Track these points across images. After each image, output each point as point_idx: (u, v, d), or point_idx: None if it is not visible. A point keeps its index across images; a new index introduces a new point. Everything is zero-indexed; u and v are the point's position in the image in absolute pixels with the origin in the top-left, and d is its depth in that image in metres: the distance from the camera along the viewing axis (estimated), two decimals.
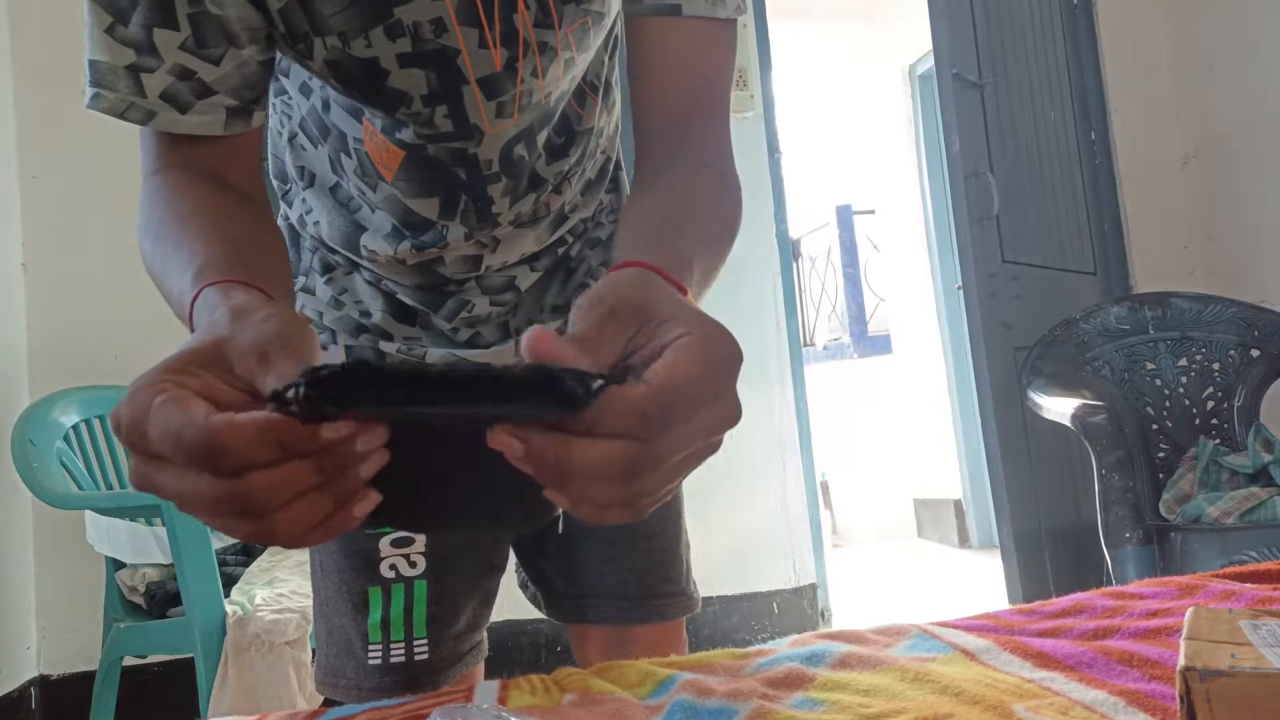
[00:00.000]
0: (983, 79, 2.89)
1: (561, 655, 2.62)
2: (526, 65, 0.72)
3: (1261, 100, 2.90)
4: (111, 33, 0.63)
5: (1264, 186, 2.91)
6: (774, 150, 3.06)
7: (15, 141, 2.56)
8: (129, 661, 2.09)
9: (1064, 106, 3.13)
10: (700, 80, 0.73)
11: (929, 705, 0.56)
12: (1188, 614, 0.53)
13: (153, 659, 2.30)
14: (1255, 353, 2.20)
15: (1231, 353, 2.21)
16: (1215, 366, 2.22)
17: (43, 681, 2.44)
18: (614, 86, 0.87)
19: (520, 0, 0.69)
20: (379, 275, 0.87)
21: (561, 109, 0.80)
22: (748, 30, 3.03)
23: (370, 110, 0.75)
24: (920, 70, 4.62)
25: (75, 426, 2.12)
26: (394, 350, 0.88)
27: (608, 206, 0.94)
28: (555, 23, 0.71)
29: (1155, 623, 0.68)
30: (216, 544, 1.93)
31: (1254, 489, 1.91)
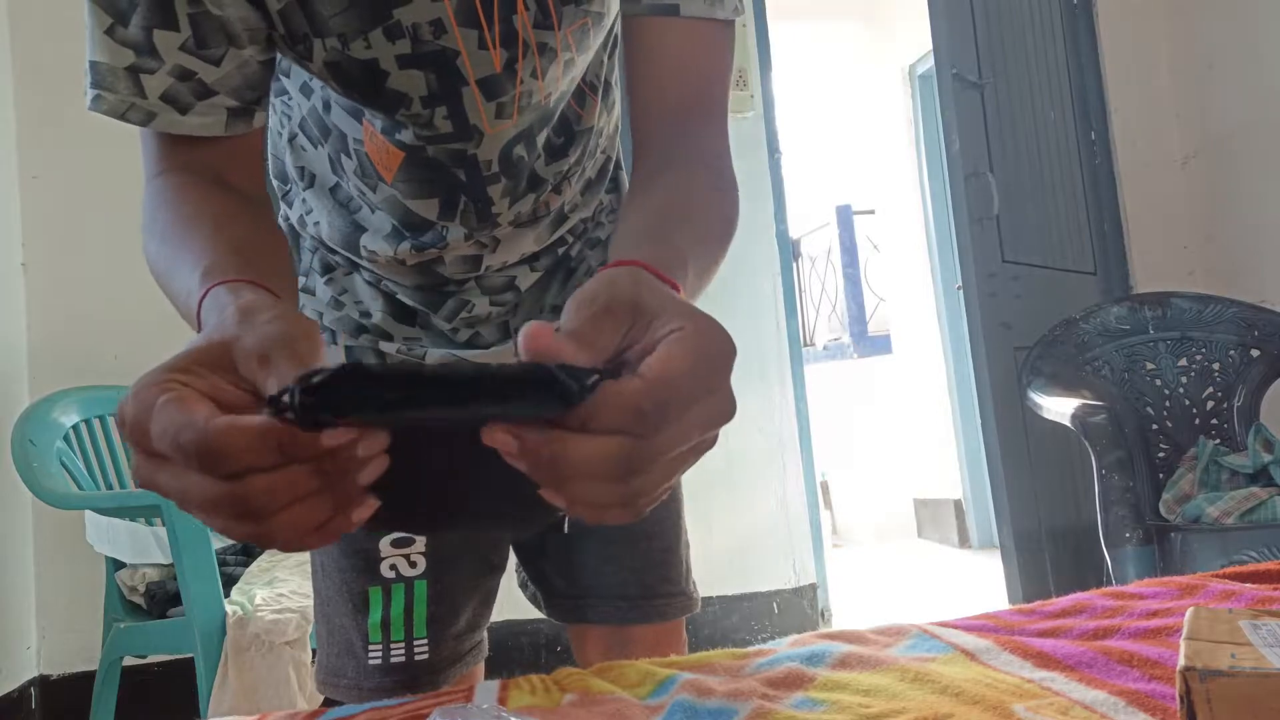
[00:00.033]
0: (983, 79, 2.89)
1: (561, 655, 2.62)
2: (526, 66, 0.72)
3: (1261, 100, 2.89)
4: (111, 34, 0.63)
5: (1264, 186, 2.91)
6: (774, 150, 3.06)
7: (15, 141, 2.56)
8: (129, 661, 2.09)
9: (1064, 106, 3.13)
10: (698, 80, 0.73)
11: (929, 705, 0.56)
12: (1188, 614, 0.53)
13: (153, 659, 2.30)
14: (1255, 353, 2.20)
15: (1231, 353, 2.21)
16: (1215, 366, 2.22)
17: (43, 681, 2.44)
18: (613, 86, 0.87)
19: (520, 1, 0.69)
20: (379, 275, 0.87)
21: (561, 109, 0.80)
22: (747, 30, 3.03)
23: (370, 111, 0.75)
24: (920, 70, 4.62)
25: (75, 426, 2.12)
26: (394, 350, 0.88)
27: (608, 206, 0.94)
28: (555, 24, 0.71)
29: (1155, 623, 0.68)
30: (216, 544, 1.93)
31: (1254, 489, 1.91)
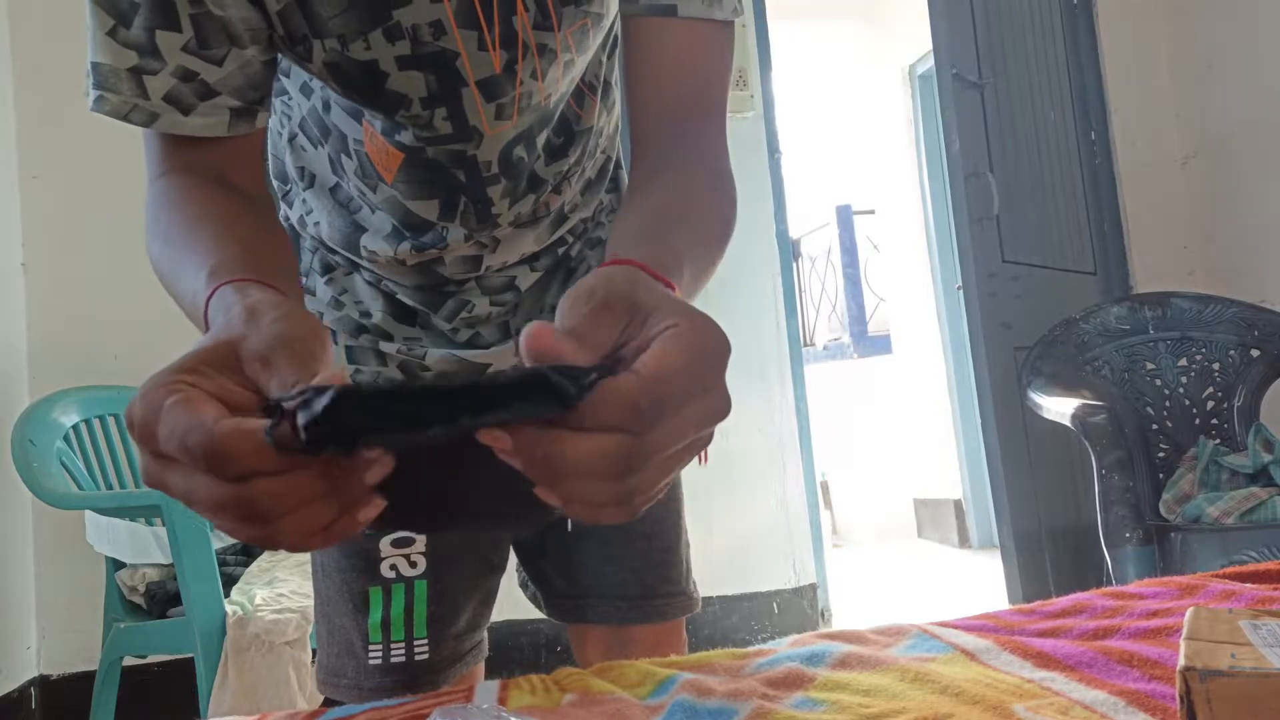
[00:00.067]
0: (983, 79, 2.89)
1: (561, 655, 2.62)
2: (526, 68, 0.72)
3: (1261, 100, 2.89)
4: (114, 35, 0.63)
5: (1264, 186, 2.91)
6: (774, 150, 3.06)
7: (15, 141, 2.56)
8: (129, 661, 2.09)
9: (1064, 106, 3.13)
10: (696, 81, 0.73)
11: (929, 705, 0.56)
12: (1188, 614, 0.53)
13: (153, 659, 2.31)
14: (1255, 353, 2.20)
15: (1231, 353, 2.21)
16: (1215, 366, 2.22)
17: (43, 681, 2.44)
18: (613, 86, 0.87)
19: (519, 2, 0.69)
20: (379, 276, 0.87)
21: (560, 110, 0.80)
22: (747, 30, 3.03)
23: (370, 112, 0.75)
24: (920, 70, 4.62)
25: (75, 426, 2.12)
26: (394, 350, 0.87)
27: (608, 206, 0.94)
28: (554, 25, 0.71)
29: (1155, 623, 0.68)
30: (216, 544, 1.93)
31: (1254, 489, 1.91)
